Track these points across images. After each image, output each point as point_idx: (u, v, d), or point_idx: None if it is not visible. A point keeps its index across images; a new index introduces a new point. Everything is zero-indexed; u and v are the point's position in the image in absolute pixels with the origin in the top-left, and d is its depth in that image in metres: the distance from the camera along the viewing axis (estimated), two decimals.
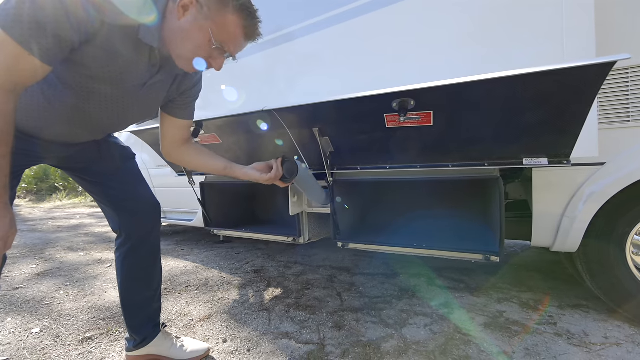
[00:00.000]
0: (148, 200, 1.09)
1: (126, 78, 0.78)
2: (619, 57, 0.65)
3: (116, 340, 1.32)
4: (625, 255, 1.26)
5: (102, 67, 0.73)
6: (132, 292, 1.09)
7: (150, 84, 0.84)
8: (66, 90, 0.75)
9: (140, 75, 0.80)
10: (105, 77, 0.75)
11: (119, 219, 1.05)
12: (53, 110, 0.79)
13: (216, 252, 2.68)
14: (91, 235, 3.56)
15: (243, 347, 1.24)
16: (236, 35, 0.77)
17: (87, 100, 0.79)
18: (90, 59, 0.70)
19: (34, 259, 2.57)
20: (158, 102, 0.94)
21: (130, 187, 1.06)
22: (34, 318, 1.53)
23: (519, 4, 1.10)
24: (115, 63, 0.74)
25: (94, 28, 0.66)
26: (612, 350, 1.14)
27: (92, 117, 0.84)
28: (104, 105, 0.82)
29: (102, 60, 0.72)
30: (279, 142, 1.33)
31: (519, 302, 1.54)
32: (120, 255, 1.07)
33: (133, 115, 0.92)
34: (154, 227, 1.10)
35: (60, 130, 0.85)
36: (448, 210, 1.57)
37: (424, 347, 1.19)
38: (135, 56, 0.76)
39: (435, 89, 0.88)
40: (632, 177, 1.17)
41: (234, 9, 0.74)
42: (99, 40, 0.68)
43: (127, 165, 1.08)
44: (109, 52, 0.71)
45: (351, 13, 1.48)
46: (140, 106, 0.89)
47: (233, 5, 0.73)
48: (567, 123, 0.87)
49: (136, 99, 0.85)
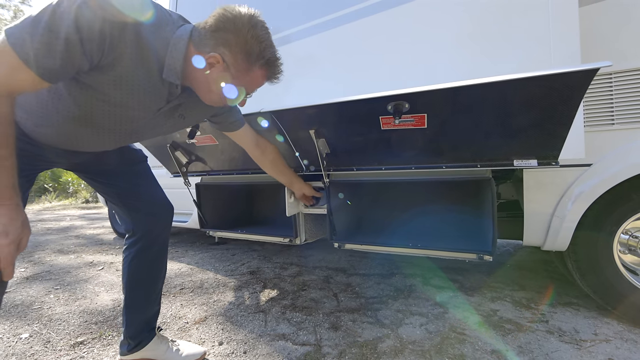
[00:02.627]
0: (161, 202, 1.11)
1: (142, 104, 0.78)
2: (602, 64, 0.68)
3: (109, 344, 1.30)
4: (612, 253, 1.30)
5: (118, 92, 0.72)
6: (137, 292, 1.09)
7: (166, 109, 0.84)
8: (78, 107, 0.74)
9: (156, 103, 0.80)
10: (120, 101, 0.75)
11: (132, 219, 1.06)
12: (64, 124, 0.78)
13: (211, 254, 2.66)
14: (82, 238, 3.50)
15: (239, 349, 1.24)
16: (260, 83, 0.81)
17: (99, 118, 0.78)
18: (106, 85, 0.70)
19: (22, 262, 2.51)
20: (175, 124, 0.94)
21: (144, 189, 1.08)
22: (22, 323, 1.50)
23: (508, 13, 1.14)
24: (132, 92, 0.73)
25: (113, 56, 0.65)
26: (602, 346, 1.18)
27: (103, 133, 0.84)
28: (115, 124, 0.82)
29: (119, 86, 0.71)
30: (279, 138, 1.34)
31: (511, 300, 1.57)
32: (129, 254, 1.08)
33: (146, 134, 0.92)
34: (165, 228, 1.11)
35: (70, 142, 0.85)
36: (442, 210, 1.60)
37: (420, 346, 1.21)
38: (155, 87, 0.76)
39: (428, 93, 0.90)
40: (617, 177, 1.21)
41: (260, 66, 0.76)
42: (118, 68, 0.67)
43: (140, 168, 1.10)
44: (128, 80, 0.70)
45: (348, 17, 1.50)
46: (155, 126, 0.90)
47: (259, 64, 0.75)
48: (555, 126, 0.90)
49: (150, 120, 0.86)
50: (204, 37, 0.72)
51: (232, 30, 0.70)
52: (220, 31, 0.71)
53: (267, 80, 0.81)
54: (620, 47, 1.18)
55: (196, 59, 0.73)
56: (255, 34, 0.72)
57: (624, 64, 1.17)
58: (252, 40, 0.71)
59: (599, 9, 1.20)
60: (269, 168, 1.29)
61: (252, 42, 0.72)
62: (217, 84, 0.76)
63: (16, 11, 15.11)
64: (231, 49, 0.71)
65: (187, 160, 1.73)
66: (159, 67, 0.72)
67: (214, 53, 0.71)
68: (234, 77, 0.75)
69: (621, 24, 1.18)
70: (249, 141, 1.17)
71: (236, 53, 0.72)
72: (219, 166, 1.73)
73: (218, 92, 0.77)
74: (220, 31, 0.71)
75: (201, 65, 0.73)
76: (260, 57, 0.74)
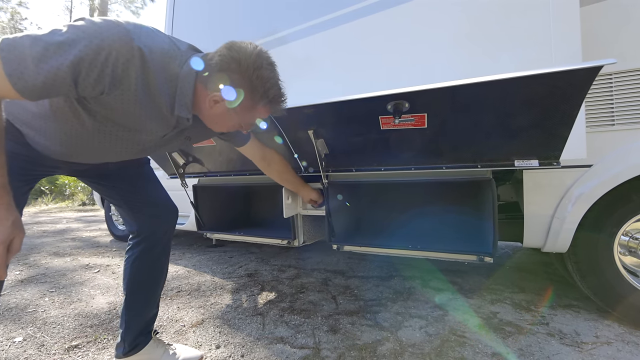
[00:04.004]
0: (165, 203, 1.11)
1: (148, 129, 0.79)
2: (606, 62, 0.67)
3: (104, 348, 1.28)
4: (613, 255, 1.29)
5: (123, 118, 0.73)
6: (138, 293, 1.08)
7: (172, 134, 0.85)
8: (82, 127, 0.75)
9: (163, 130, 0.81)
10: (125, 126, 0.76)
11: (136, 221, 1.06)
12: (68, 142, 0.78)
13: (208, 256, 2.64)
14: (78, 240, 3.47)
15: (237, 352, 1.22)
16: (264, 116, 0.82)
17: (103, 139, 0.79)
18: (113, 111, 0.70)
19: (17, 264, 2.48)
20: (180, 144, 0.96)
21: (148, 191, 1.08)
22: (16, 326, 1.47)
23: (510, 13, 1.13)
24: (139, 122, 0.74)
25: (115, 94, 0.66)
26: (603, 349, 1.16)
27: (106, 151, 0.84)
28: (120, 146, 0.83)
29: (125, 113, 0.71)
30: (278, 141, 1.33)
31: (511, 303, 1.56)
32: (132, 255, 1.07)
33: (150, 152, 0.94)
34: (169, 229, 1.11)
35: (74, 157, 0.85)
36: (442, 211, 1.59)
37: (420, 349, 1.19)
38: (164, 118, 0.77)
39: (429, 92, 0.89)
40: (617, 179, 1.20)
41: (263, 105, 0.78)
42: (124, 99, 0.68)
43: (143, 170, 1.10)
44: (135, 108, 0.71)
45: (346, 17, 1.49)
46: (160, 146, 0.91)
47: (263, 102, 0.77)
48: (557, 125, 0.89)
49: (156, 141, 0.86)
50: (209, 76, 0.73)
51: (236, 70, 0.71)
52: (225, 71, 0.72)
53: (270, 114, 0.83)
54: (620, 47, 1.18)
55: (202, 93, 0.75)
56: (260, 74, 0.72)
57: (625, 65, 1.17)
58: (257, 81, 0.73)
59: (599, 10, 1.20)
60: (276, 178, 1.34)
61: (257, 83, 0.73)
62: (222, 118, 0.79)
63: (13, 13, 15.08)
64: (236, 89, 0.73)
65: (184, 161, 1.71)
66: (168, 102, 0.74)
67: (218, 93, 0.73)
68: (237, 114, 0.78)
69: (621, 24, 1.18)
70: (256, 154, 1.21)
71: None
72: (217, 167, 1.72)
73: (223, 124, 0.82)
74: (225, 71, 0.72)
75: (207, 101, 0.75)
76: (265, 97, 0.76)
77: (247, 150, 1.17)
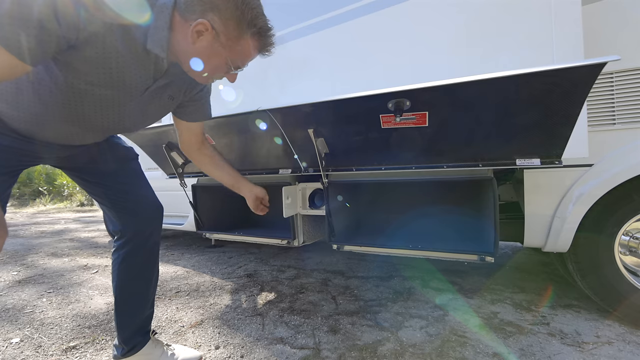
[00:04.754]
0: (150, 202, 1.06)
1: (127, 82, 0.74)
2: (609, 59, 0.67)
3: (102, 349, 1.27)
4: (613, 255, 1.29)
5: (100, 70, 0.68)
6: (128, 295, 1.05)
7: (153, 89, 0.80)
8: (59, 90, 0.70)
9: (143, 81, 0.76)
10: (102, 80, 0.70)
11: (120, 220, 1.02)
12: (46, 110, 0.74)
13: (207, 257, 2.63)
14: (76, 241, 3.45)
15: (236, 353, 1.21)
16: (252, 55, 0.77)
17: (81, 101, 0.74)
18: (88, 64, 0.66)
19: (14, 265, 2.46)
20: (164, 106, 0.90)
21: (132, 188, 1.04)
22: (13, 327, 1.46)
23: (510, 12, 1.13)
24: (116, 67, 0.69)
25: (90, 30, 0.62)
26: (604, 349, 1.16)
27: (87, 119, 0.79)
28: (100, 108, 0.77)
29: (100, 63, 0.67)
30: (277, 141, 1.32)
31: (512, 303, 1.56)
32: (118, 256, 1.03)
33: (135, 119, 0.87)
34: (154, 229, 1.07)
35: (55, 132, 0.80)
36: (443, 211, 1.58)
37: (421, 349, 1.19)
38: (140, 62, 0.72)
39: (430, 89, 0.89)
40: (618, 178, 1.20)
41: (251, 35, 0.72)
42: (98, 43, 0.64)
43: (129, 166, 1.06)
44: (109, 56, 0.66)
45: (344, 16, 1.49)
46: (143, 110, 0.85)
47: (251, 32, 0.72)
48: (559, 124, 0.89)
49: (138, 103, 0.81)
50: (189, 3, 0.67)
51: None
52: None
53: (259, 52, 0.77)
54: (621, 46, 1.18)
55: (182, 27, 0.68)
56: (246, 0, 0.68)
57: (626, 63, 1.17)
58: (243, 6, 0.67)
59: (600, 8, 1.19)
60: (206, 164, 1.14)
61: (243, 8, 0.67)
62: (207, 54, 0.71)
63: None
64: (221, 14, 0.67)
65: (183, 161, 1.70)
66: (143, 38, 0.68)
67: (202, 19, 0.66)
68: (223, 47, 0.71)
69: (622, 22, 1.17)
70: (197, 133, 1.07)
71: (226, 19, 0.67)
72: None
73: (208, 64, 0.73)
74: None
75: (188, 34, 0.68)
76: (252, 25, 0.70)
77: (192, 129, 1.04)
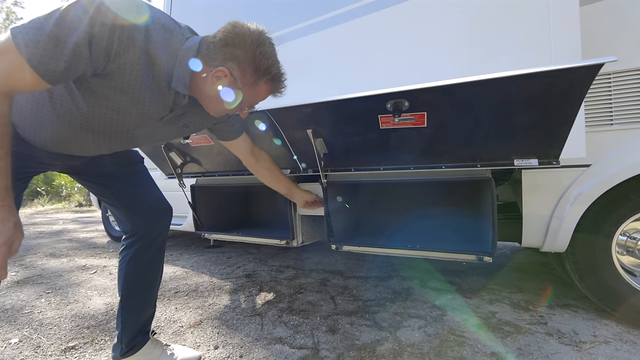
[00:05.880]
0: (159, 202, 1.09)
1: (145, 111, 0.78)
2: (606, 60, 0.67)
3: (101, 349, 1.27)
4: (611, 255, 1.30)
5: (122, 98, 0.72)
6: (134, 293, 1.07)
7: (168, 118, 0.84)
8: (79, 112, 0.74)
9: (160, 111, 0.80)
10: (122, 107, 0.75)
11: (129, 220, 1.05)
12: (62, 127, 0.77)
13: (206, 257, 2.63)
14: (75, 241, 3.44)
15: (235, 353, 1.21)
16: (264, 97, 0.83)
17: (98, 123, 0.78)
18: (111, 91, 0.70)
19: (13, 266, 2.46)
20: (177, 132, 0.95)
21: (141, 189, 1.07)
22: (12, 328, 1.46)
23: (510, 12, 1.13)
24: (138, 98, 0.73)
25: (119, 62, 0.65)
26: (602, 348, 1.17)
27: (101, 139, 0.83)
28: (117, 131, 0.81)
29: (123, 93, 0.71)
30: (276, 141, 1.32)
31: (510, 302, 1.56)
32: (126, 255, 1.06)
33: (145, 140, 0.92)
34: (163, 229, 1.10)
35: (66, 146, 0.84)
36: (441, 211, 1.58)
37: (419, 349, 1.19)
38: (161, 95, 0.76)
39: (429, 90, 0.89)
40: (615, 178, 1.20)
41: (266, 81, 0.78)
42: (125, 75, 0.68)
43: (136, 169, 1.09)
44: (133, 87, 0.70)
45: (344, 16, 1.49)
46: (155, 134, 0.90)
47: (265, 79, 0.78)
48: (557, 124, 0.89)
49: (152, 128, 0.85)
50: (212, 51, 0.74)
51: (241, 45, 0.73)
52: (229, 46, 0.73)
53: (271, 93, 0.84)
54: (619, 46, 1.18)
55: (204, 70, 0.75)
56: (264, 50, 0.74)
57: (624, 64, 1.17)
58: (260, 56, 0.74)
59: (598, 9, 1.20)
60: (266, 177, 1.29)
61: (260, 59, 0.74)
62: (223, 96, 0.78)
63: (9, 13, 14.96)
64: (239, 64, 0.74)
65: (182, 161, 1.70)
66: (167, 76, 0.73)
67: (222, 67, 0.73)
68: (240, 90, 0.78)
69: (620, 23, 1.18)
70: (246, 149, 1.17)
71: (244, 68, 0.74)
72: (215, 167, 1.71)
73: (225, 107, 0.80)
74: (229, 46, 0.73)
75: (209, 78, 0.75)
76: (267, 73, 0.77)
77: (237, 145, 1.14)
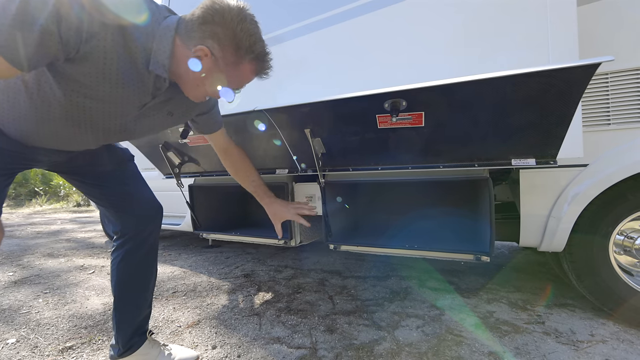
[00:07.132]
0: (149, 201, 1.07)
1: (125, 98, 0.74)
2: (603, 59, 0.67)
3: (99, 349, 1.26)
4: (608, 254, 1.30)
5: (99, 85, 0.68)
6: (127, 294, 1.05)
7: (151, 105, 0.80)
8: (57, 103, 0.70)
9: (141, 97, 0.76)
10: (101, 95, 0.70)
11: (119, 220, 1.02)
12: (42, 119, 0.74)
13: (204, 257, 2.62)
14: (73, 241, 3.43)
15: (233, 353, 1.21)
16: (249, 79, 0.78)
17: (78, 114, 0.74)
18: (87, 77, 0.66)
19: (10, 266, 2.45)
20: (162, 121, 0.90)
21: (131, 189, 1.04)
22: (9, 328, 1.45)
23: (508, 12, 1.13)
24: (115, 83, 0.69)
25: (92, 44, 0.61)
26: (599, 347, 1.17)
27: (83, 131, 0.79)
28: (95, 120, 0.77)
29: (100, 78, 0.67)
30: (274, 141, 1.32)
31: (508, 302, 1.57)
32: (117, 256, 1.04)
33: (130, 132, 0.87)
34: (154, 228, 1.07)
35: (51, 140, 0.80)
36: (439, 211, 1.59)
37: (417, 348, 1.19)
38: (140, 80, 0.72)
39: (426, 90, 0.89)
40: (613, 178, 1.21)
41: (249, 60, 0.74)
42: (99, 59, 0.63)
43: (126, 167, 1.06)
44: (110, 72, 0.67)
45: (341, 16, 1.49)
46: (140, 124, 0.86)
47: (249, 57, 0.73)
48: (554, 124, 0.89)
49: (135, 117, 0.82)
50: (190, 30, 0.69)
51: (220, 22, 0.68)
52: (209, 24, 0.68)
53: (256, 75, 0.79)
54: (616, 46, 1.18)
55: (183, 52, 0.70)
56: (245, 27, 0.70)
57: (621, 64, 1.18)
58: (241, 33, 0.69)
59: (595, 9, 1.20)
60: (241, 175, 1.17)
61: (241, 36, 0.70)
62: (206, 80, 0.74)
63: None
64: (220, 41, 0.69)
65: (179, 161, 1.70)
66: (145, 58, 0.69)
67: (201, 46, 0.68)
68: (222, 71, 0.73)
69: (617, 23, 1.18)
70: (222, 144, 1.12)
71: (225, 46, 0.69)
72: (213, 167, 1.71)
73: (204, 87, 0.75)
74: (209, 24, 0.68)
75: (188, 58, 0.70)
76: (250, 51, 0.72)
77: (216, 139, 1.09)
